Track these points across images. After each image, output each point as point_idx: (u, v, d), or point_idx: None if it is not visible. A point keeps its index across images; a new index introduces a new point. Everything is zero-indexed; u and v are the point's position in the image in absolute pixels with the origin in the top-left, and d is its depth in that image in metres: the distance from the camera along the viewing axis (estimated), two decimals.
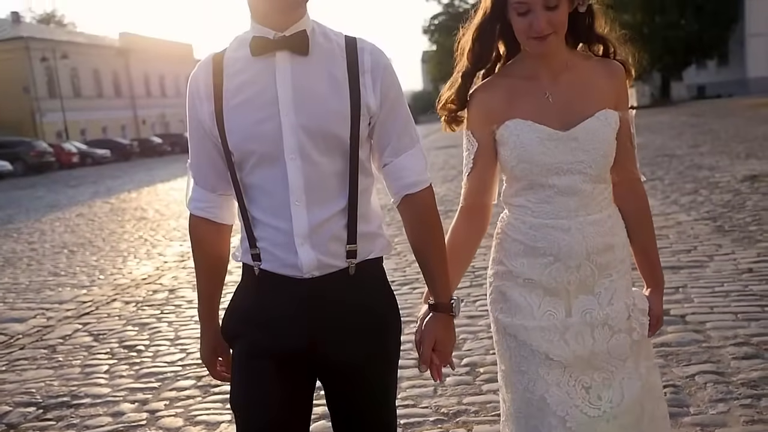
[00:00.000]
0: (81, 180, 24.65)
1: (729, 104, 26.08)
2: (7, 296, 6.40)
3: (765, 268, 4.56)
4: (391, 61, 1.55)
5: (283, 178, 1.47)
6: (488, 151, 1.73)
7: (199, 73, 1.54)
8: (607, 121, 1.68)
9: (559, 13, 1.60)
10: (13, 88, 42.25)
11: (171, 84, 60.48)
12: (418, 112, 75.69)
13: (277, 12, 1.45)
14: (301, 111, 1.46)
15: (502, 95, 1.71)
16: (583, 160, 1.66)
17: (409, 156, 1.55)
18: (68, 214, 13.34)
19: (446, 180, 11.93)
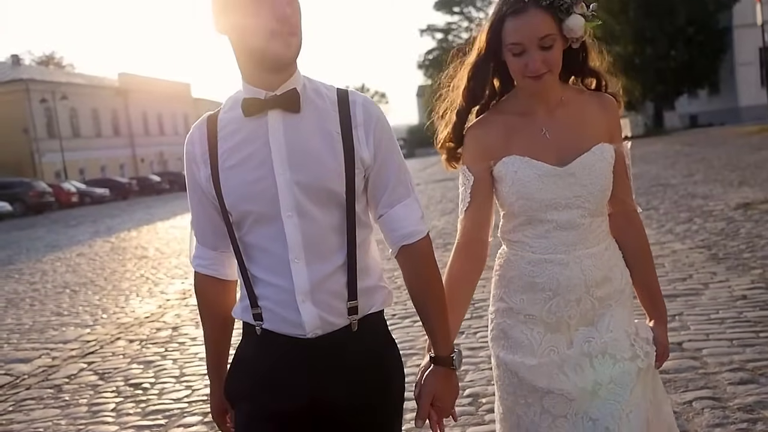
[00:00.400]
0: (80, 219, 24.75)
1: (721, 132, 26.38)
2: (12, 337, 6.45)
3: (759, 294, 4.65)
4: (383, 112, 1.57)
5: (281, 236, 1.47)
6: (485, 186, 1.73)
7: (194, 135, 1.56)
8: (602, 155, 1.69)
9: (553, 53, 1.63)
10: (13, 129, 42.61)
11: (169, 122, 61.03)
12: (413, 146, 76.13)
13: (267, 72, 1.46)
14: (296, 168, 1.46)
15: (498, 132, 1.72)
16: (580, 194, 1.68)
17: (404, 206, 1.55)
18: (69, 253, 13.41)
19: (444, 213, 12.04)
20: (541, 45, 1.60)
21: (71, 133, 47.62)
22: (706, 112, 38.12)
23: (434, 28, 63.93)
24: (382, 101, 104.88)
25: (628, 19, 32.49)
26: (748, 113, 33.05)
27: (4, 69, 47.98)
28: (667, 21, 32.50)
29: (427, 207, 13.27)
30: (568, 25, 1.62)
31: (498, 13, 1.66)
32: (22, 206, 30.22)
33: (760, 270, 5.27)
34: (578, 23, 1.64)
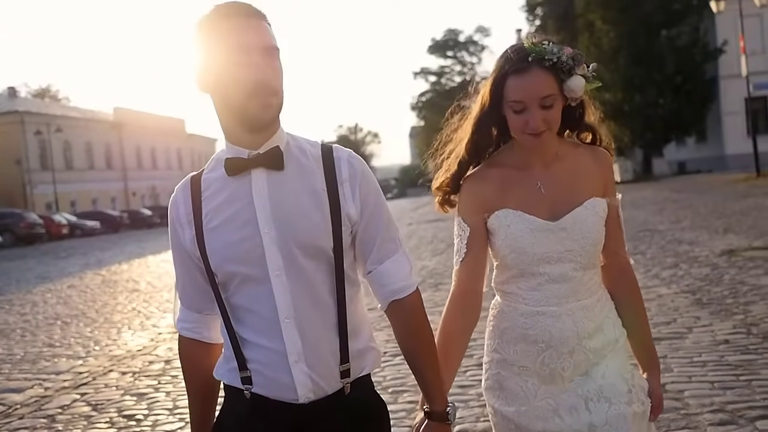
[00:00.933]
0: (71, 251, 24.70)
1: (708, 180, 26.81)
2: (3, 367, 6.47)
3: (740, 339, 4.78)
4: (368, 167, 1.56)
5: (269, 296, 1.45)
6: (480, 237, 1.76)
7: (178, 197, 1.54)
8: (594, 209, 1.72)
9: (553, 112, 1.66)
10: (6, 160, 42.71)
11: (162, 157, 61.29)
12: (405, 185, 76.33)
13: (248, 132, 1.45)
14: (282, 226, 1.44)
15: (494, 185, 1.75)
16: (572, 249, 1.70)
17: (393, 262, 1.54)
18: (59, 285, 13.41)
19: (436, 253, 12.17)
20: (542, 104, 1.64)
21: (64, 165, 47.74)
22: (693, 159, 38.72)
23: (428, 71, 64.92)
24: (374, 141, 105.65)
25: (618, 67, 33.21)
26: (735, 161, 33.60)
27: (1, 100, 48.32)
28: (656, 70, 33.23)
29: (418, 247, 13.41)
30: (569, 86, 1.66)
31: (500, 70, 1.68)
32: (12, 237, 30.18)
33: (742, 315, 5.41)
34: (579, 84, 1.67)
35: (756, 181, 22.00)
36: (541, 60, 1.63)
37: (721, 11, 24.88)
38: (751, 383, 3.90)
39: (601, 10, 33.33)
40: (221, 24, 1.41)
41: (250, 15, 1.43)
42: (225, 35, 1.40)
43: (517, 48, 1.68)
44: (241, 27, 1.41)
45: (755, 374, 4.03)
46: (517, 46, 1.69)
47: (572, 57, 1.65)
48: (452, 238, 1.82)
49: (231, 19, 1.41)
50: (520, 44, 1.69)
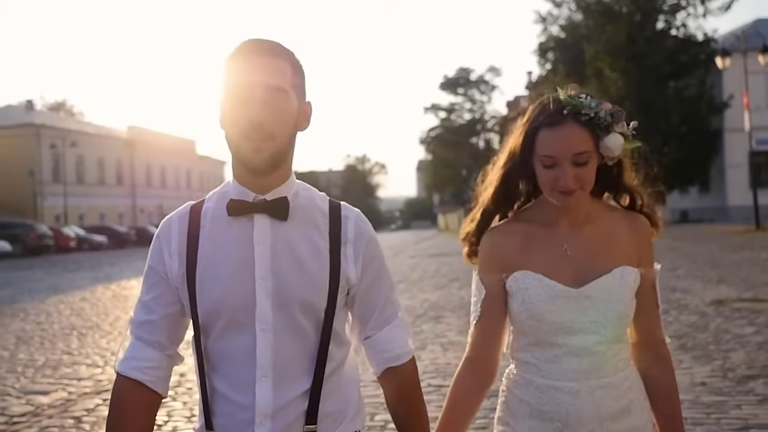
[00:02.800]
0: (79, 265, 25.16)
1: (709, 230, 27.21)
2: (26, 371, 6.86)
3: (716, 382, 5.17)
4: (373, 229, 1.53)
5: (250, 349, 1.39)
6: (497, 301, 1.64)
7: (173, 224, 1.47)
8: (623, 279, 1.58)
9: (587, 170, 1.54)
10: (19, 170, 43.48)
11: (172, 176, 62.14)
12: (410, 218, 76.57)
13: (252, 175, 1.41)
14: (279, 278, 1.39)
15: (516, 242, 1.64)
16: (596, 320, 1.56)
17: (392, 327, 1.52)
18: (71, 297, 13.82)
19: (437, 288, 12.56)
20: (575, 161, 1.53)
21: (76, 179, 48.52)
22: (696, 209, 39.17)
23: (438, 107, 65.96)
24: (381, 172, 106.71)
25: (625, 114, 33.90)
26: (736, 213, 34.03)
27: (18, 113, 49.34)
28: (662, 119, 33.88)
29: (421, 280, 13.80)
30: (606, 143, 1.54)
31: (533, 122, 1.58)
32: (21, 247, 30.73)
33: (720, 361, 5.81)
34: (617, 142, 1.55)
35: (755, 234, 22.41)
36: (578, 114, 1.53)
37: (727, 68, 25.55)
38: (720, 421, 4.29)
39: (610, 59, 34.12)
40: (238, 60, 1.38)
41: (266, 53, 1.38)
42: (236, 72, 1.37)
43: (553, 99, 1.57)
44: (253, 65, 1.36)
45: (725, 414, 4.42)
46: (553, 96, 1.59)
47: (611, 113, 1.55)
48: (454, 272, 1.97)
49: (247, 57, 1.38)
50: (556, 95, 1.58)
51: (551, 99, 1.59)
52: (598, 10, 35.82)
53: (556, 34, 39.99)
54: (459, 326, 8.17)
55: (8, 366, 7.13)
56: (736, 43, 28.62)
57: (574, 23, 38.33)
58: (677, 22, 36.06)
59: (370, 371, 1.63)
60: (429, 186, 77.43)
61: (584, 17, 37.17)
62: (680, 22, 36.02)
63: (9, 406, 5.49)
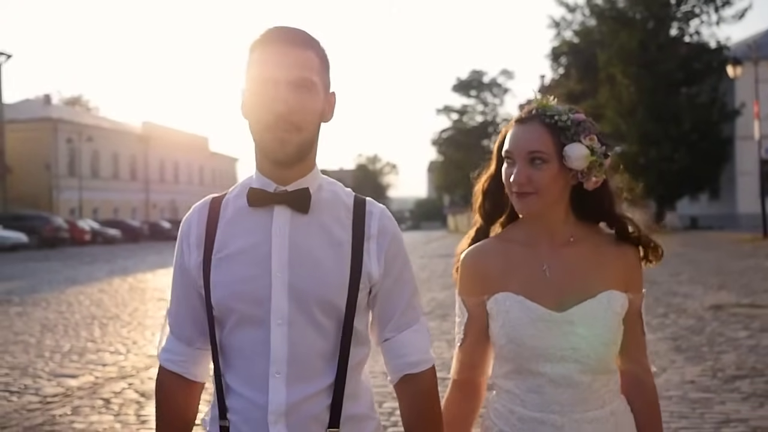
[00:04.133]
0: (94, 257, 25.67)
1: (717, 237, 27.36)
2: (54, 356, 7.26)
3: (704, 381, 5.49)
4: (398, 227, 1.48)
5: (265, 343, 1.35)
6: (479, 324, 1.59)
7: (193, 217, 1.46)
8: (609, 303, 1.51)
9: (542, 174, 1.49)
10: (36, 164, 44.14)
11: (184, 172, 62.75)
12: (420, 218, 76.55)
13: (274, 166, 1.38)
14: (296, 272, 1.35)
15: (496, 262, 1.58)
16: (579, 347, 1.49)
17: (413, 332, 1.45)
18: (90, 289, 14.25)
19: (445, 287, 12.89)
20: (530, 159, 1.49)
21: (90, 173, 49.16)
22: (706, 216, 39.25)
23: (450, 108, 66.20)
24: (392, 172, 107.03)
25: (636, 121, 34.02)
26: (746, 220, 34.12)
27: (36, 106, 50.02)
28: (673, 126, 34.00)
29: (429, 280, 14.16)
30: (567, 152, 1.49)
31: (509, 124, 1.58)
32: (37, 239, 31.28)
33: (711, 362, 6.12)
34: (579, 153, 1.48)
35: (762, 243, 22.57)
36: (542, 115, 1.52)
37: (738, 76, 25.72)
38: (704, 415, 4.61)
39: (622, 65, 34.30)
40: (262, 50, 1.35)
41: (294, 43, 1.35)
42: (260, 63, 1.35)
43: (527, 101, 1.58)
44: (277, 56, 1.33)
45: (709, 409, 4.74)
46: (529, 100, 1.58)
47: (578, 122, 1.51)
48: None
49: (271, 47, 1.35)
50: (532, 99, 1.57)
51: (527, 101, 1.61)
52: (611, 16, 36.00)
53: (569, 39, 40.21)
54: None
55: (36, 351, 7.53)
56: (748, 52, 28.75)
57: (588, 28, 38.53)
58: (690, 30, 36.19)
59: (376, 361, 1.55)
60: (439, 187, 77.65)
61: (598, 23, 37.36)
62: (693, 29, 36.15)
63: (42, 387, 5.89)
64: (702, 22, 35.93)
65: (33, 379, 6.23)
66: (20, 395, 5.65)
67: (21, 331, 8.87)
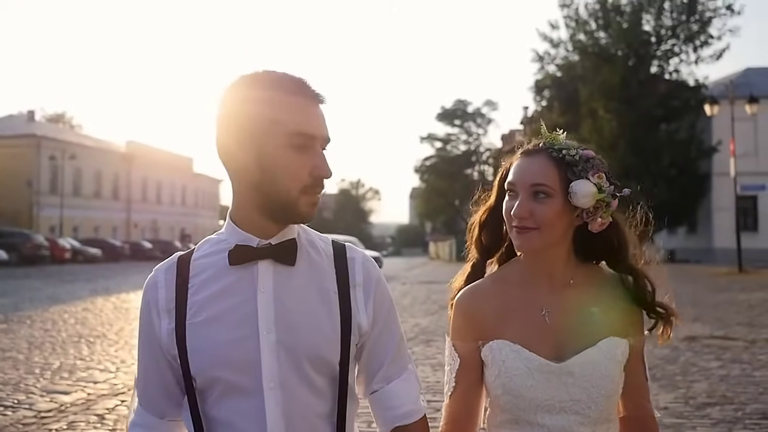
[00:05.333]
0: (75, 276, 25.55)
1: (695, 270, 27.89)
2: (44, 373, 7.35)
3: (677, 407, 5.75)
4: (381, 272, 1.42)
5: (258, 413, 1.25)
6: (472, 371, 1.50)
7: (158, 278, 1.34)
8: (611, 352, 1.45)
9: (545, 208, 1.42)
10: (17, 180, 43.89)
11: (167, 192, 62.62)
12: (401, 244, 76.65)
13: (269, 221, 1.30)
14: (285, 331, 1.26)
15: (492, 306, 1.50)
16: (579, 399, 1.43)
17: (402, 381, 1.38)
18: (73, 307, 14.27)
19: (428, 313, 13.10)
20: (533, 192, 1.43)
21: (72, 191, 48.92)
22: (683, 249, 39.87)
23: (434, 137, 66.91)
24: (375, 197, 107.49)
25: (617, 155, 34.74)
26: (722, 255, 34.78)
27: (19, 122, 49.94)
28: (653, 161, 34.76)
29: (412, 305, 14.36)
30: (573, 188, 1.42)
31: (514, 157, 1.52)
32: (17, 256, 31.07)
33: (684, 390, 6.39)
34: (585, 189, 1.42)
35: (737, 277, 23.11)
36: (550, 149, 1.46)
37: (715, 115, 26.49)
38: None
39: (604, 99, 35.12)
40: (284, 99, 1.25)
41: (319, 101, 1.29)
42: (289, 114, 1.24)
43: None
44: (309, 111, 1.26)
45: None
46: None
47: (587, 159, 1.45)
48: (444, 300, 1.60)
49: (306, 103, 1.27)
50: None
51: (536, 137, 1.54)
52: (594, 52, 36.92)
53: (552, 73, 41.05)
54: None
55: (26, 368, 7.62)
56: (725, 91, 29.65)
57: (571, 63, 39.39)
58: (670, 68, 37.20)
59: None
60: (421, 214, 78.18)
61: (581, 58, 38.24)
62: (673, 67, 37.16)
63: (35, 403, 6.00)
64: (681, 60, 36.97)
65: (26, 394, 6.33)
66: (14, 410, 5.76)
67: (8, 348, 8.93)
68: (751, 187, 33.87)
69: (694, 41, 36.17)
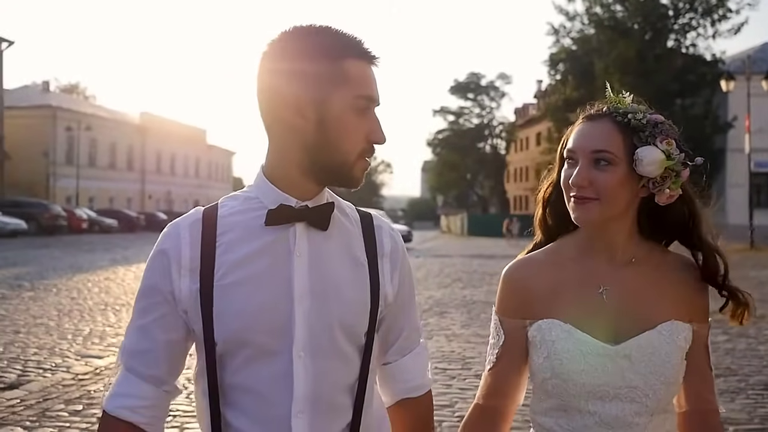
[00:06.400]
0: (93, 246, 26.02)
1: None
2: (76, 339, 7.69)
3: None
4: (403, 242, 1.39)
5: (285, 380, 1.20)
6: (517, 349, 1.42)
7: (183, 234, 1.24)
8: (671, 336, 1.35)
9: (607, 176, 1.31)
10: (34, 151, 44.30)
11: (181, 164, 62.98)
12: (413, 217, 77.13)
13: (314, 183, 1.25)
14: (319, 297, 1.23)
15: (543, 281, 1.41)
16: (636, 385, 1.33)
17: (414, 355, 1.39)
18: (96, 276, 14.65)
19: (442, 286, 13.39)
20: (594, 159, 1.32)
21: (88, 162, 49.37)
22: None
23: (447, 110, 66.69)
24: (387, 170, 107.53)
25: None
26: (736, 231, 34.67)
27: (35, 93, 50.22)
28: None
29: (426, 279, 14.64)
30: (639, 154, 1.31)
31: (576, 121, 1.42)
32: (35, 226, 31.55)
33: None
34: (652, 156, 1.30)
35: (748, 254, 23.23)
36: (615, 113, 1.36)
37: (731, 90, 26.34)
38: None
39: (619, 74, 34.87)
40: (358, 63, 1.21)
41: (376, 64, 1.25)
42: (363, 80, 1.21)
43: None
44: (370, 72, 1.23)
45: None
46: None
47: (655, 123, 1.34)
48: (456, 273, 1.81)
49: (367, 65, 1.23)
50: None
51: (601, 101, 1.43)
52: (610, 25, 36.59)
53: (567, 46, 40.75)
54: (462, 321, 9.08)
55: (58, 334, 7.97)
56: (741, 67, 29.41)
57: (586, 37, 39.07)
58: (687, 42, 36.83)
59: None
60: (433, 187, 78.19)
61: (596, 32, 37.92)
62: (690, 42, 36.79)
63: (72, 366, 6.33)
64: (698, 35, 36.57)
65: (62, 358, 6.67)
66: (53, 372, 6.10)
67: (38, 315, 9.29)
68: (766, 163, 33.75)
69: (712, 15, 35.72)
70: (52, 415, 4.84)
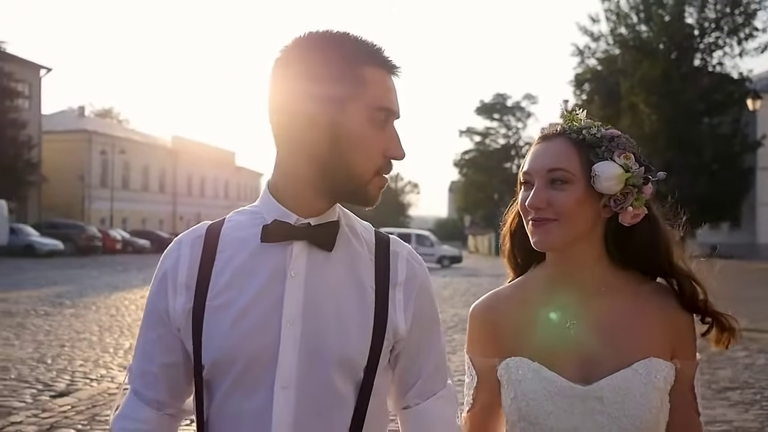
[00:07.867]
0: (126, 266, 26.71)
1: (736, 266, 27.62)
2: (118, 352, 8.13)
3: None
4: (428, 273, 1.26)
5: (264, 413, 1.11)
6: (489, 389, 1.34)
7: (184, 249, 1.19)
8: (648, 376, 1.23)
9: (564, 196, 1.24)
10: (70, 174, 45.58)
11: (211, 186, 64.20)
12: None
13: (321, 199, 1.16)
14: (312, 323, 1.13)
15: (512, 316, 1.33)
16: (609, 429, 1.23)
17: (438, 400, 1.24)
18: (132, 295, 15.17)
19: (467, 304, 13.47)
20: (549, 180, 1.25)
21: (121, 184, 50.62)
22: (726, 244, 39.33)
23: (473, 130, 66.97)
24: (414, 191, 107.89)
25: (658, 149, 34.52)
26: (766, 251, 34.39)
27: (71, 118, 51.78)
28: (694, 156, 34.43)
29: (452, 297, 14.91)
30: (596, 170, 1.24)
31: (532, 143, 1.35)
32: (72, 246, 32.47)
33: (708, 376, 6.79)
34: (611, 172, 1.23)
35: None
36: (568, 131, 1.30)
37: (757, 109, 26.27)
38: None
39: (644, 94, 34.90)
40: (368, 67, 1.12)
41: (397, 73, 1.16)
42: (374, 85, 1.12)
43: (550, 124, 1.36)
44: (389, 82, 1.15)
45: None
46: (552, 124, 1.36)
47: (611, 138, 1.28)
48: (483, 291, 1.48)
49: (387, 75, 1.15)
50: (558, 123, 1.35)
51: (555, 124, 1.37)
52: (635, 45, 36.69)
53: (592, 67, 40.89)
54: None
55: (101, 347, 8.41)
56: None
57: (611, 57, 39.19)
58: (713, 61, 36.73)
59: None
60: (460, 208, 78.26)
61: (621, 52, 38.04)
62: (716, 60, 36.68)
63: (116, 377, 6.75)
64: (725, 53, 36.48)
65: (106, 369, 7.09)
66: (99, 381, 6.53)
67: (81, 330, 9.76)
68: None
69: (739, 34, 35.65)
70: (101, 419, 5.23)
